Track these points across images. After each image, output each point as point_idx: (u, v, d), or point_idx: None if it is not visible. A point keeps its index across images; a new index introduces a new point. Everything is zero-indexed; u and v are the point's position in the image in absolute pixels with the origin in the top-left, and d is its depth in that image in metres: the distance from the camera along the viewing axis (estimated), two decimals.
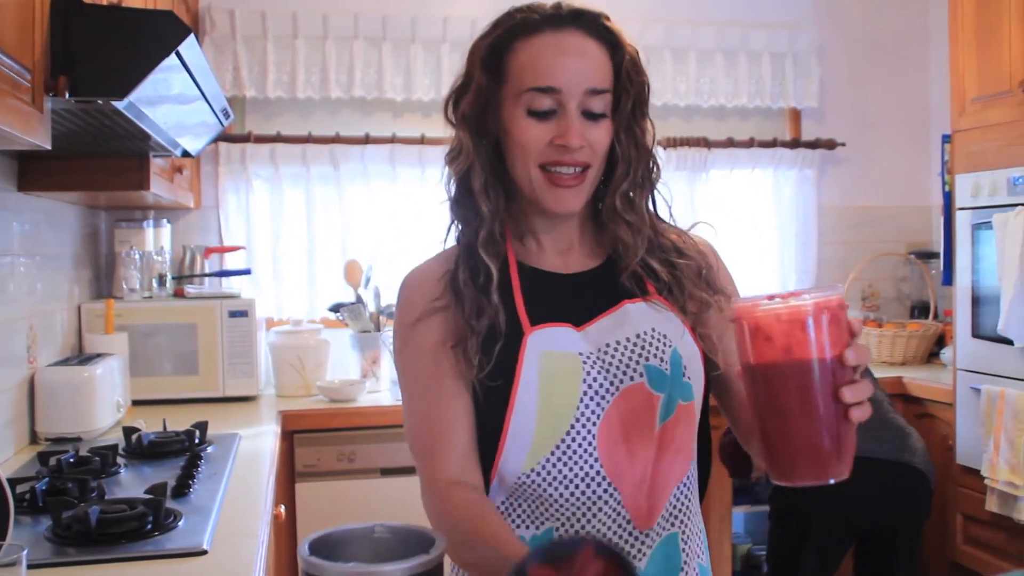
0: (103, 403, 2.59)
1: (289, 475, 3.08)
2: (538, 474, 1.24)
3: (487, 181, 1.29)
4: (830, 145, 4.17)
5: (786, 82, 4.11)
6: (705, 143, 4.01)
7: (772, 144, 4.10)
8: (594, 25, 1.31)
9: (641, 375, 1.25)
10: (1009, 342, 3.13)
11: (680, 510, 1.31)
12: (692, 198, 4.03)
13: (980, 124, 3.35)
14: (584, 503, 1.24)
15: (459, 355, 1.24)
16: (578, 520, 1.24)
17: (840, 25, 4.28)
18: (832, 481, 0.97)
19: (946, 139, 3.82)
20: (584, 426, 1.24)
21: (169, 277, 3.38)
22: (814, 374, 0.95)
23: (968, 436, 3.35)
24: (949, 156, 3.73)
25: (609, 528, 1.25)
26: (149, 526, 1.68)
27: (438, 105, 4.39)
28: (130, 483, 2.10)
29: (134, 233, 3.35)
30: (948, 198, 3.78)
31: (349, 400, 3.26)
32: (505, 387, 1.23)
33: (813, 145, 4.15)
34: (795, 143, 4.15)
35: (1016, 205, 3.12)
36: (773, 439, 0.99)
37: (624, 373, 1.25)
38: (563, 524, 1.25)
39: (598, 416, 1.24)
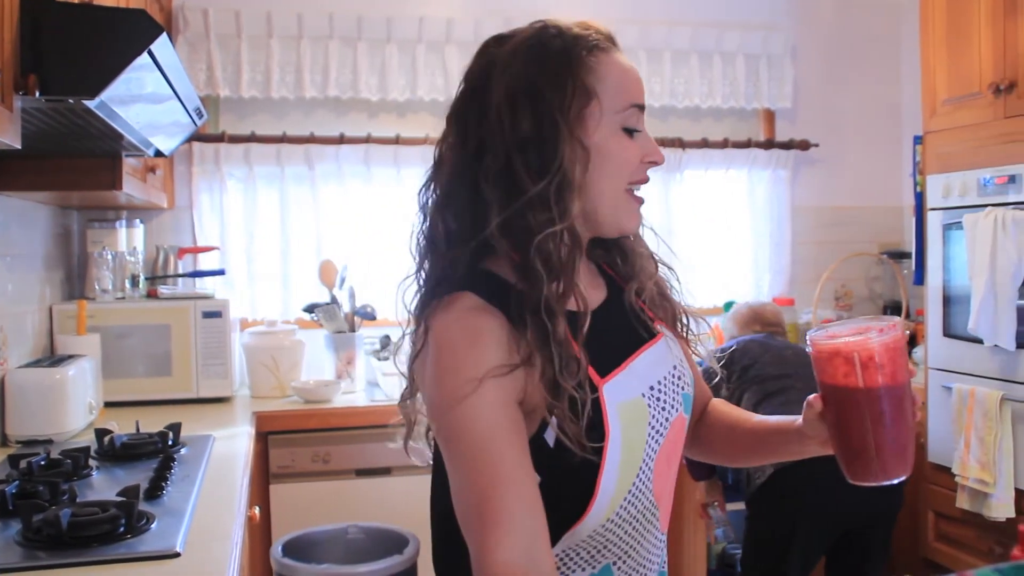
0: (75, 405, 2.57)
1: (263, 476, 3.06)
2: (613, 523, 1.17)
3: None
4: (804, 146, 4.20)
5: (760, 83, 4.14)
6: (680, 143, 4.03)
7: (746, 145, 4.13)
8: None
9: (681, 404, 1.26)
10: (979, 341, 3.17)
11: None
12: (667, 198, 4.05)
13: (951, 125, 3.39)
14: (641, 533, 1.22)
15: (545, 420, 1.10)
16: (632, 548, 1.21)
17: (814, 27, 4.31)
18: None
19: (918, 140, 3.86)
20: (647, 465, 1.19)
21: (142, 278, 3.36)
22: (909, 392, 1.17)
23: (939, 434, 3.39)
24: (920, 157, 3.76)
25: (654, 547, 1.26)
26: (121, 529, 1.67)
27: (413, 105, 4.39)
28: (102, 485, 2.08)
29: (106, 233, 3.32)
30: (920, 199, 3.82)
31: (324, 401, 3.25)
32: (594, 451, 1.11)
33: (787, 146, 4.18)
34: (769, 144, 4.18)
35: (986, 206, 3.15)
36: (875, 447, 1.16)
37: (672, 407, 1.24)
38: (619, 558, 1.20)
39: (655, 452, 1.20)
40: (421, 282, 1.19)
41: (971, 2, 3.26)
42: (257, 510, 2.56)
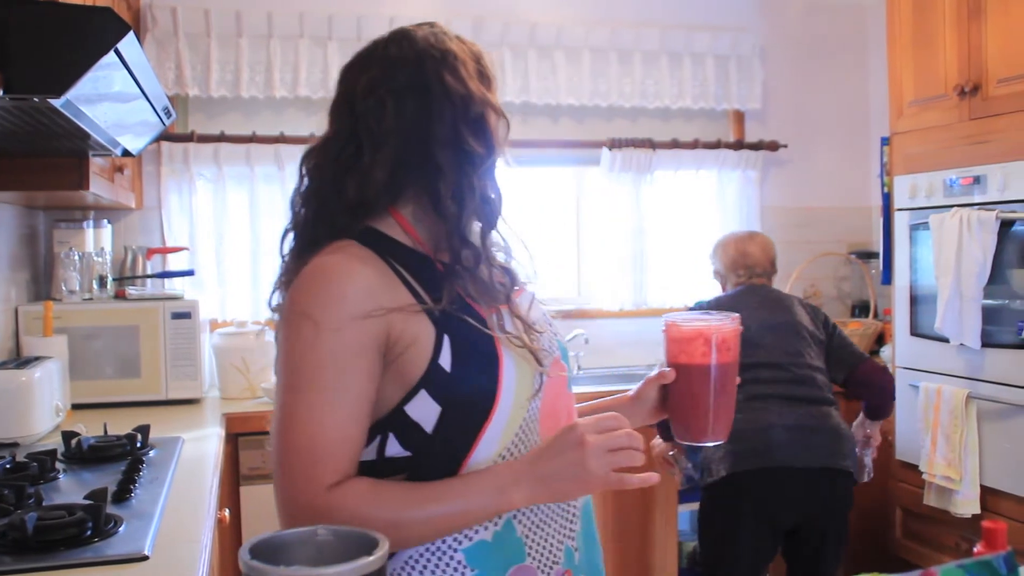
0: (41, 407, 2.54)
1: (234, 478, 3.04)
2: (503, 459, 1.23)
3: None
4: (773, 147, 4.23)
5: (730, 84, 4.17)
6: (650, 144, 4.05)
7: (716, 145, 4.15)
8: None
9: (558, 350, 1.35)
10: (946, 340, 3.21)
11: None
12: (637, 198, 4.07)
13: (917, 127, 3.43)
14: None
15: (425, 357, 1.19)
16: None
17: (782, 29, 4.35)
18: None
19: (885, 141, 3.91)
20: (533, 407, 1.26)
21: (110, 278, 3.32)
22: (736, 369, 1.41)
23: (907, 432, 3.43)
24: (888, 158, 3.81)
25: (561, 508, 1.28)
26: (89, 532, 1.65)
27: None
28: (69, 489, 2.05)
29: (73, 234, 3.29)
30: (887, 199, 3.86)
31: None
32: (490, 384, 1.21)
33: (756, 147, 4.21)
34: (739, 144, 4.20)
35: (952, 206, 3.19)
36: (713, 414, 1.37)
37: (551, 348, 1.32)
38: (519, 510, 1.23)
39: (539, 393, 1.27)
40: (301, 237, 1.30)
41: (936, 6, 3.30)
42: (227, 512, 2.54)
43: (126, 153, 2.55)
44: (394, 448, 1.20)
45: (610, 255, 4.09)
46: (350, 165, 1.26)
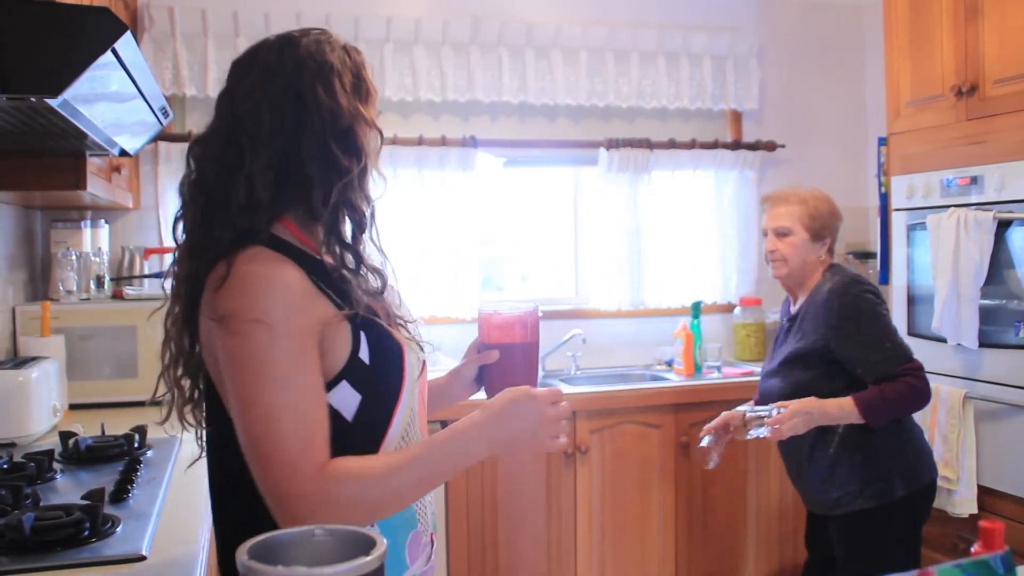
0: (38, 407, 2.54)
1: None
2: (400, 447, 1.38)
3: None
4: (770, 147, 4.23)
5: (727, 84, 4.17)
6: (647, 144, 4.05)
7: (713, 145, 4.16)
8: None
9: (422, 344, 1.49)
10: (943, 340, 3.21)
11: None
12: (634, 199, 4.07)
13: (914, 127, 3.44)
14: None
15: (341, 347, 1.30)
16: None
17: (779, 29, 4.35)
18: None
19: (882, 142, 3.91)
20: (417, 388, 1.43)
21: (107, 278, 3.32)
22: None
23: None
24: (885, 158, 3.81)
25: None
26: (86, 532, 1.65)
27: (380, 104, 4.38)
28: (67, 489, 2.05)
29: (71, 234, 3.28)
30: (884, 199, 3.87)
31: None
32: (398, 372, 1.36)
33: (753, 147, 4.21)
34: (736, 145, 4.21)
35: (949, 207, 3.20)
36: (524, 383, 1.48)
37: (421, 343, 1.48)
38: None
39: (421, 377, 1.45)
40: (204, 236, 1.33)
41: (933, 6, 3.30)
42: None
43: (123, 153, 2.55)
44: None
45: (607, 255, 4.09)
46: (233, 166, 1.31)
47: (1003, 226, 3.03)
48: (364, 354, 1.32)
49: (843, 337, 2.53)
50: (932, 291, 3.25)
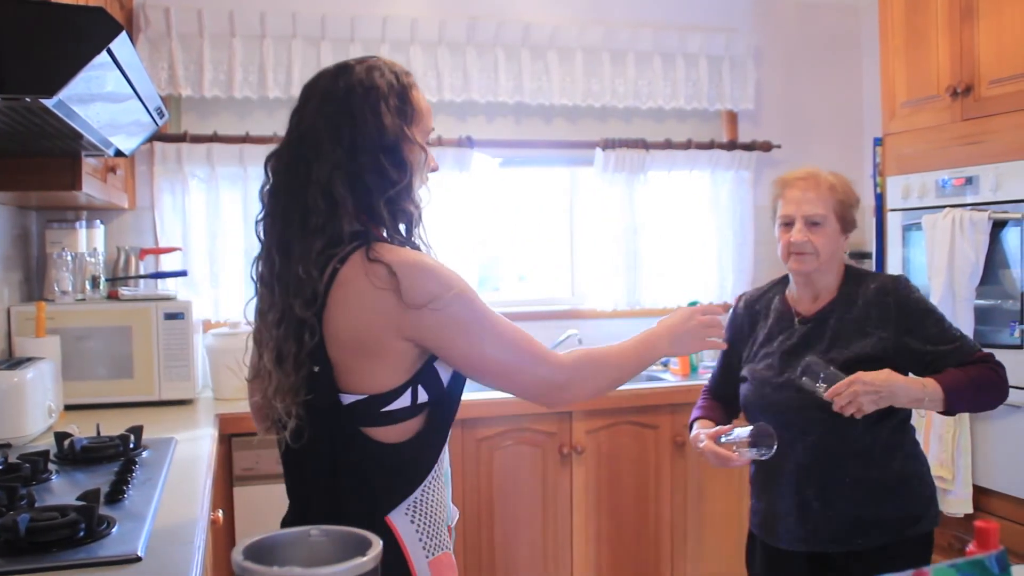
0: (34, 408, 2.53)
1: (227, 479, 3.04)
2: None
3: None
4: (766, 147, 4.24)
5: (723, 85, 4.18)
6: (643, 144, 4.05)
7: (709, 146, 4.16)
8: None
9: None
10: None
11: None
12: (631, 199, 4.07)
13: (910, 128, 3.44)
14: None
15: None
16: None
17: (775, 30, 4.35)
18: None
19: (877, 142, 3.91)
20: None
21: (103, 279, 3.32)
22: None
23: None
24: (880, 159, 3.81)
25: None
26: (81, 533, 1.64)
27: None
28: (62, 490, 2.05)
29: (66, 234, 3.28)
30: (880, 200, 3.87)
31: None
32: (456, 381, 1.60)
33: (749, 147, 4.22)
34: (732, 145, 4.21)
35: (944, 207, 3.20)
36: None
37: None
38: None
39: None
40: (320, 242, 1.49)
41: (929, 7, 3.31)
42: (220, 513, 2.54)
43: (119, 153, 2.55)
44: (422, 396, 1.51)
45: (604, 255, 4.09)
46: (302, 176, 1.52)
47: (998, 226, 3.03)
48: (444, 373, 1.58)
49: (913, 336, 2.16)
50: (928, 291, 3.25)
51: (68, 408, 2.93)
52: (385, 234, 1.54)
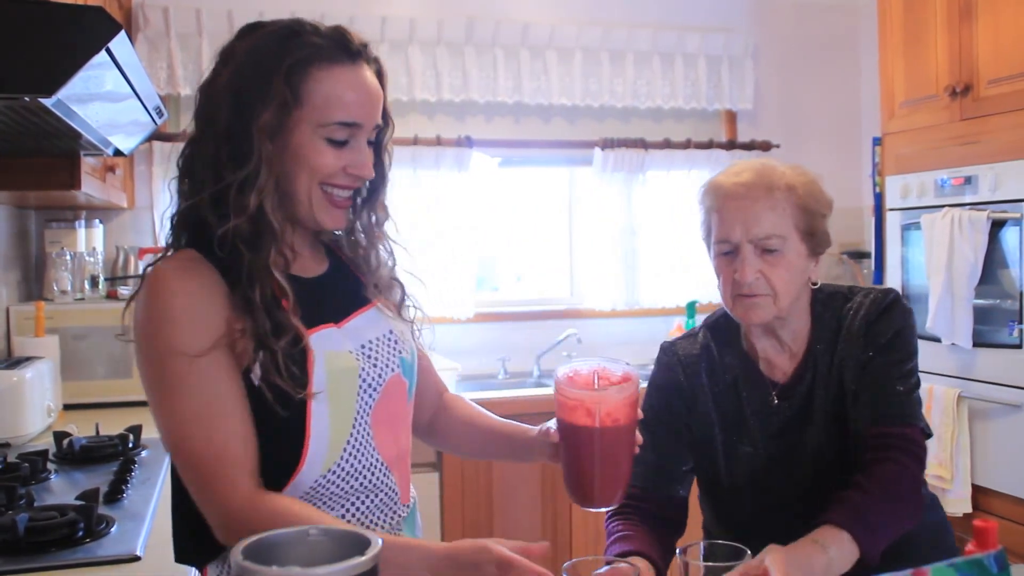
0: (32, 408, 2.53)
1: None
2: (334, 474, 1.29)
3: (276, 196, 1.30)
4: (765, 147, 4.24)
5: (721, 85, 4.18)
6: (642, 144, 4.05)
7: (708, 145, 4.16)
8: (376, 62, 1.37)
9: (399, 366, 1.40)
10: (937, 340, 3.22)
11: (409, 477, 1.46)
12: (629, 199, 4.07)
13: (908, 127, 3.44)
14: (368, 491, 1.33)
15: (246, 363, 1.23)
16: (361, 506, 1.33)
17: (774, 29, 4.35)
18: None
19: (876, 142, 3.92)
20: (363, 419, 1.33)
21: (102, 278, 3.32)
22: (632, 435, 1.33)
23: None
24: (879, 158, 3.82)
25: (385, 509, 1.35)
26: (80, 533, 1.65)
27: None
28: (61, 489, 2.05)
29: (65, 233, 3.28)
30: (879, 199, 3.88)
31: None
32: (299, 393, 1.24)
33: (748, 147, 4.22)
34: (731, 144, 4.21)
35: (943, 207, 3.20)
36: (599, 481, 1.31)
37: (386, 366, 1.38)
38: (346, 513, 1.31)
39: (371, 408, 1.34)
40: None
41: (928, 6, 3.31)
42: None
43: (118, 153, 2.54)
44: None
45: (602, 255, 4.09)
46: None
47: (997, 226, 3.03)
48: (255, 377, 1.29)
49: (879, 360, 1.60)
50: (926, 291, 3.26)
51: (67, 408, 2.93)
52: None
